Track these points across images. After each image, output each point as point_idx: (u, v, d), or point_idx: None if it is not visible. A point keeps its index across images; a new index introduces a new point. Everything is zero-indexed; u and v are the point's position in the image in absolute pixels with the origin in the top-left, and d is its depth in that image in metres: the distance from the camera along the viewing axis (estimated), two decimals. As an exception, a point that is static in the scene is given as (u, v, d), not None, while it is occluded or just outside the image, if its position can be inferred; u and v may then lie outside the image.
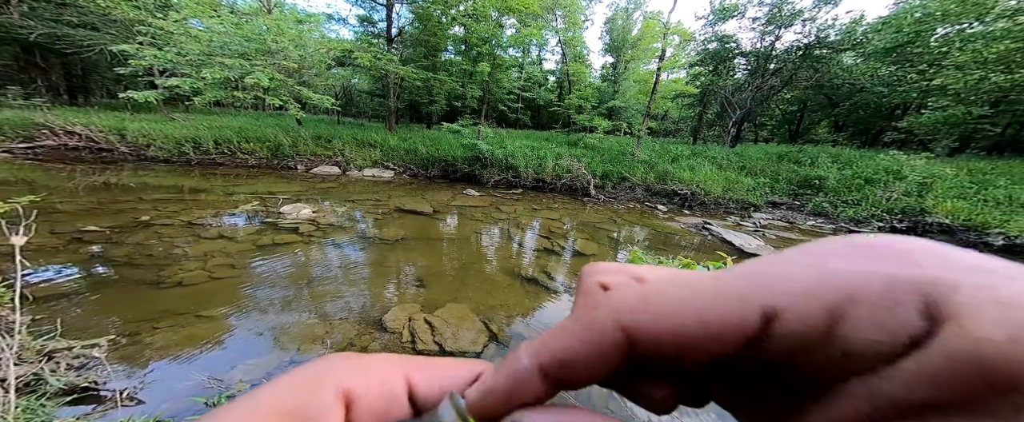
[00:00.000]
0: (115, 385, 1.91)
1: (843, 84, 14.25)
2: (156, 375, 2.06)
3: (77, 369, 1.87)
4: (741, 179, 8.93)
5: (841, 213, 7.41)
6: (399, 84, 13.47)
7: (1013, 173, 7.72)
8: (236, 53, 8.74)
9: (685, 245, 5.55)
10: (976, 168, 8.26)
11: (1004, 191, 6.83)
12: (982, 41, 7.83)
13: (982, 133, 11.94)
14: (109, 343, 2.10)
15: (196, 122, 10.36)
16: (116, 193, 5.78)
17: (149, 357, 2.19)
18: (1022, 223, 5.87)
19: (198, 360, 2.22)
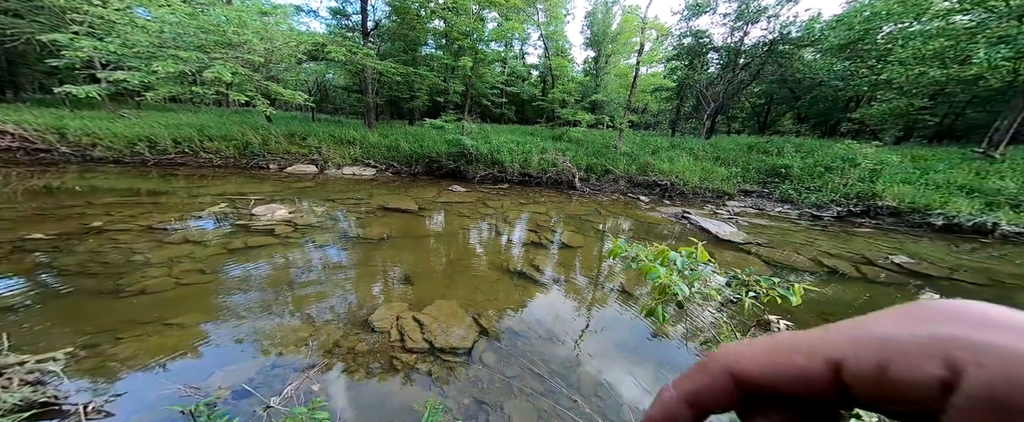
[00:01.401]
0: (78, 399, 1.79)
1: (804, 78, 15.32)
2: (125, 386, 1.95)
3: (32, 385, 1.75)
4: (716, 169, 9.38)
5: (805, 199, 7.97)
6: (377, 79, 12.97)
7: (950, 159, 8.59)
8: (192, 45, 8.07)
9: (666, 234, 5.78)
10: (919, 155, 9.12)
11: (943, 175, 7.60)
12: (920, 39, 8.65)
13: (923, 123, 13.19)
14: (67, 356, 1.98)
15: (149, 119, 9.53)
16: (61, 197, 5.24)
17: (115, 369, 2.06)
18: (959, 204, 6.55)
19: (171, 369, 2.10)
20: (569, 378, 2.19)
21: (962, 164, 8.17)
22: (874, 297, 3.60)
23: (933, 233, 6.41)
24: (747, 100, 18.79)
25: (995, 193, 6.72)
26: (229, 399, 1.91)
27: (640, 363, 2.40)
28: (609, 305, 3.28)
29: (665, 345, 2.67)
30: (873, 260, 4.65)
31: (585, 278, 3.88)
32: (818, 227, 6.64)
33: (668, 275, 1.18)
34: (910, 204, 6.88)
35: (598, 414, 1.92)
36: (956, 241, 5.94)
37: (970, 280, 4.10)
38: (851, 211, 7.38)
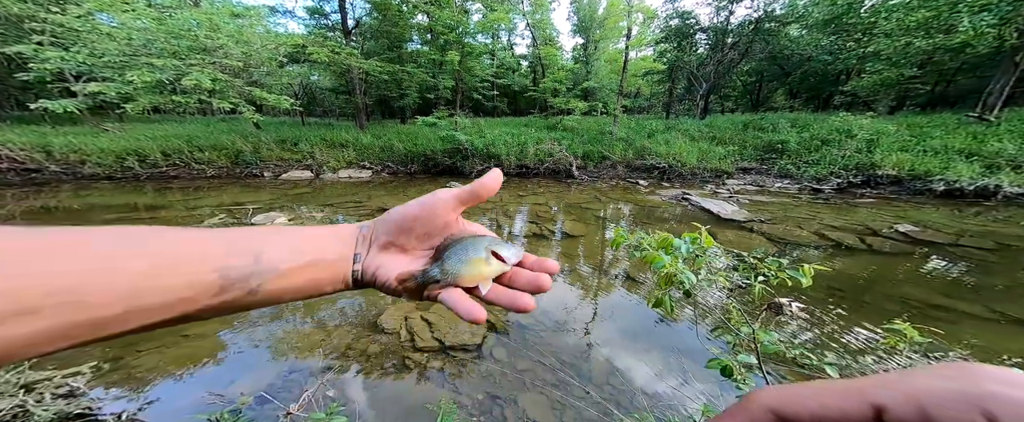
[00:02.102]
0: (112, 409, 1.86)
1: (792, 54, 15.26)
2: (153, 395, 2.00)
3: (65, 397, 1.82)
4: (713, 149, 9.34)
5: (804, 173, 7.97)
6: (364, 79, 12.73)
7: (946, 125, 8.58)
8: (165, 52, 7.84)
9: (668, 217, 5.77)
10: (914, 123, 9.10)
11: (940, 141, 7.59)
12: (903, 11, 8.62)
13: (915, 91, 13.19)
14: (92, 370, 2.04)
15: (135, 132, 9.34)
16: (60, 217, 5.18)
17: (141, 379, 2.11)
18: (959, 169, 6.56)
19: (194, 378, 2.15)
20: (580, 368, 2.20)
21: (958, 129, 8.16)
22: (881, 268, 3.62)
23: (935, 199, 6.43)
24: (738, 78, 18.66)
25: (994, 155, 6.73)
26: (252, 405, 1.93)
27: (650, 349, 2.41)
28: (615, 292, 3.28)
29: (673, 330, 2.67)
30: (877, 230, 4.67)
31: (589, 267, 3.88)
32: (820, 200, 6.65)
33: (673, 263, 1.16)
34: (910, 172, 6.89)
35: (611, 402, 1.93)
36: (959, 206, 5.96)
37: (977, 245, 4.11)
38: (851, 182, 7.39)
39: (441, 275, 0.31)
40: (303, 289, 0.30)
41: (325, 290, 0.31)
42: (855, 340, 2.47)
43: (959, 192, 6.38)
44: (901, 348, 1.12)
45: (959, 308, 2.78)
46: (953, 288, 3.16)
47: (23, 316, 0.18)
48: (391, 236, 0.34)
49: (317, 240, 0.31)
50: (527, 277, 0.33)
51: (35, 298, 0.19)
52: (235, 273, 0.26)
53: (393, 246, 0.34)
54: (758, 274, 1.32)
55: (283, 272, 0.28)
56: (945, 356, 2.25)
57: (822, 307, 2.85)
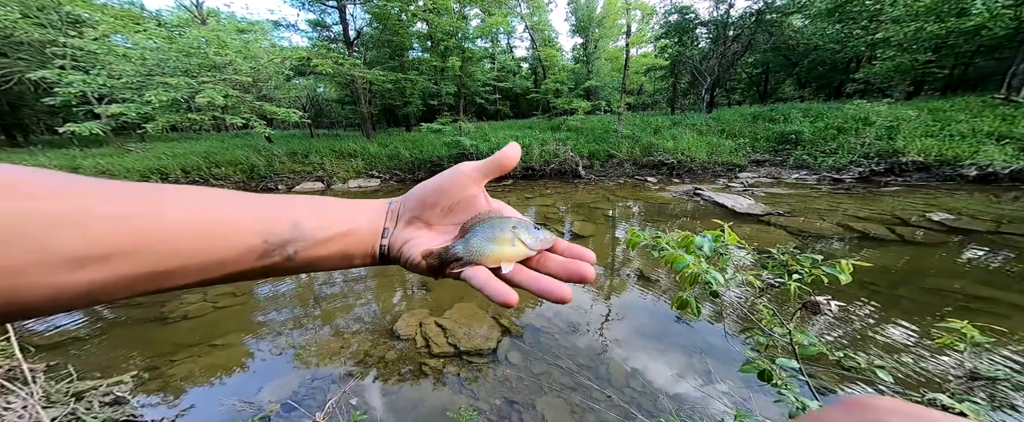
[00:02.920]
0: (153, 416, 1.95)
1: (798, 44, 14.86)
2: (188, 402, 2.08)
3: (111, 405, 1.95)
4: (722, 142, 9.14)
5: (821, 163, 7.71)
6: (368, 88, 12.95)
7: (970, 108, 8.21)
8: (178, 71, 8.12)
9: (679, 213, 5.64)
10: (936, 107, 8.73)
11: (967, 125, 7.25)
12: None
13: (932, 76, 12.68)
14: (133, 379, 2.19)
15: (155, 151, 9.71)
16: None
17: (178, 387, 2.20)
18: (991, 152, 6.23)
19: (225, 386, 2.23)
20: (598, 370, 2.14)
21: (985, 111, 7.79)
22: (916, 259, 3.43)
23: (968, 185, 6.12)
24: (743, 71, 18.30)
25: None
26: (280, 412, 1.97)
27: (668, 349, 2.33)
28: (628, 291, 3.21)
29: (693, 328, 2.58)
30: (907, 219, 4.46)
31: (600, 266, 3.80)
32: (841, 191, 6.41)
33: (697, 263, 1.08)
34: (938, 157, 6.59)
35: (632, 405, 1.87)
36: (995, 191, 5.66)
37: (1019, 232, 3.87)
38: (874, 171, 7.10)
39: (464, 252, 0.30)
40: (333, 259, 0.30)
41: (354, 262, 0.32)
42: (894, 337, 2.32)
43: (994, 177, 6.05)
44: (961, 348, 1.02)
45: (1005, 299, 2.61)
46: (997, 278, 2.97)
47: (103, 262, 0.20)
48: (416, 211, 0.34)
49: (349, 211, 0.32)
50: (559, 263, 0.32)
51: (114, 246, 0.20)
52: (276, 239, 0.27)
53: (419, 221, 0.34)
54: (791, 272, 1.23)
55: (318, 241, 0.29)
56: (1002, 350, 2.09)
57: (855, 301, 2.71)
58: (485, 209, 0.34)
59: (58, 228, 0.19)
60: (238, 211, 0.26)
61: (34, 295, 0.19)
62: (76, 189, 0.20)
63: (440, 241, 0.32)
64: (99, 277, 0.20)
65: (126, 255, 0.21)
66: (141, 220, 0.21)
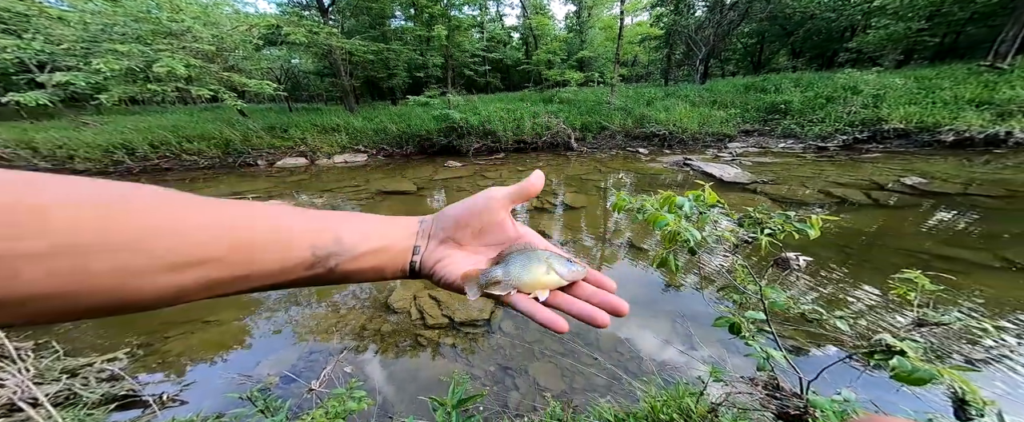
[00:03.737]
0: (153, 390, 1.99)
1: (794, 13, 14.46)
2: (189, 378, 2.11)
3: (108, 381, 1.98)
4: (714, 113, 9.08)
5: (808, 132, 7.80)
6: (348, 59, 12.12)
7: (955, 76, 8.27)
8: (129, 38, 7.39)
9: (669, 183, 5.71)
10: (922, 75, 8.76)
11: (950, 92, 7.35)
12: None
13: (923, 44, 12.63)
14: (127, 356, 2.20)
15: (117, 124, 9.06)
16: None
17: (174, 364, 2.22)
18: (969, 117, 6.39)
19: (224, 361, 2.26)
20: (588, 337, 2.23)
21: (969, 79, 7.87)
22: (887, 222, 3.60)
23: (944, 150, 6.33)
24: (738, 41, 17.86)
25: (1007, 102, 6.53)
26: (279, 384, 2.02)
27: (656, 316, 2.43)
28: (619, 261, 3.29)
29: (679, 296, 2.70)
30: (883, 184, 4.62)
31: (592, 237, 3.87)
32: (825, 158, 6.56)
33: (677, 221, 1.11)
34: (919, 124, 6.73)
35: (619, 368, 1.97)
36: (969, 155, 5.88)
37: (985, 193, 4.07)
38: (857, 138, 7.24)
39: (503, 276, 0.33)
40: (367, 272, 0.33)
41: (386, 276, 0.34)
42: (863, 295, 2.49)
43: (969, 141, 6.26)
44: (912, 298, 1.10)
45: (967, 258, 2.79)
46: (961, 238, 3.16)
47: (197, 267, 0.23)
48: (449, 231, 0.36)
49: (384, 227, 0.35)
50: (591, 293, 0.35)
51: (206, 253, 0.24)
52: (322, 251, 0.29)
53: (451, 241, 0.36)
54: (763, 228, 1.27)
55: (357, 255, 0.31)
56: (957, 306, 2.28)
57: (828, 264, 2.86)
58: (512, 233, 0.37)
59: (162, 236, 0.22)
60: (295, 222, 0.29)
61: (145, 294, 0.22)
62: (170, 202, 0.24)
63: (472, 261, 0.35)
64: (191, 280, 0.23)
65: (216, 261, 0.24)
66: (230, 230, 0.25)
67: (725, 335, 1.96)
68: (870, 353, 0.87)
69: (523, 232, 0.38)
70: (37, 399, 1.54)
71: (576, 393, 1.84)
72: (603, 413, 1.33)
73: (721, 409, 1.14)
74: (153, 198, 0.23)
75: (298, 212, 0.30)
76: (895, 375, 0.78)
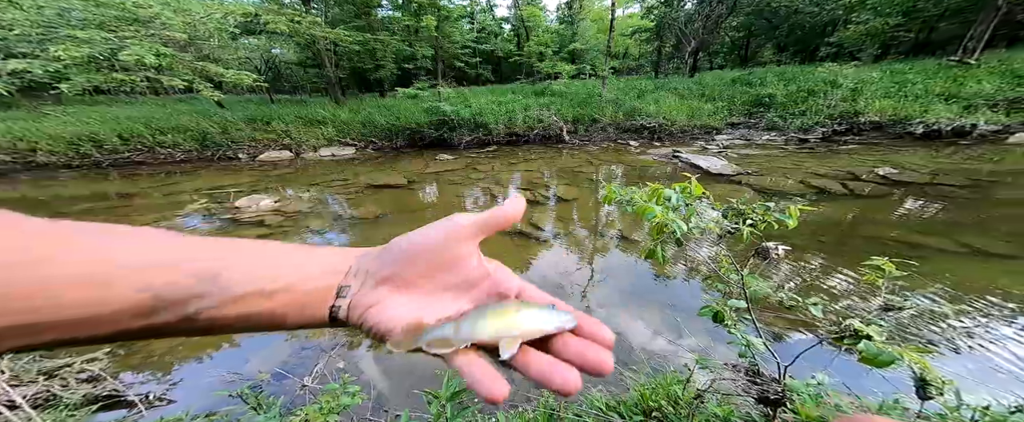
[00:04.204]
0: (140, 390, 1.94)
1: (780, 7, 14.74)
2: (176, 377, 2.07)
3: (89, 382, 1.92)
4: (702, 106, 9.23)
5: (790, 124, 8.03)
6: (333, 50, 11.67)
7: (927, 70, 8.62)
8: (90, 24, 6.89)
9: (659, 175, 5.81)
10: (897, 70, 9.10)
11: (921, 86, 7.66)
12: None
13: (899, 39, 13.10)
14: (107, 356, 2.13)
15: (81, 115, 8.54)
16: (30, 208, 4.82)
17: (159, 363, 2.17)
18: (938, 110, 6.70)
19: (211, 360, 2.22)
20: None
21: (939, 73, 8.22)
22: (862, 211, 3.78)
23: (915, 141, 6.64)
24: (726, 35, 18.06)
25: (973, 96, 6.87)
26: (271, 381, 2.00)
27: (646, 306, 2.49)
28: (610, 252, 3.35)
29: (667, 287, 2.77)
30: (858, 175, 4.83)
31: (584, 229, 3.92)
32: (805, 150, 6.78)
33: (664, 213, 1.14)
34: (892, 117, 7.02)
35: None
36: (937, 146, 6.18)
37: (950, 182, 4.31)
38: (836, 131, 7.51)
39: (454, 333, 0.25)
40: (258, 319, 0.25)
41: (289, 324, 0.26)
42: (837, 281, 2.63)
43: (937, 133, 6.58)
44: (880, 284, 1.17)
45: (932, 244, 2.97)
46: (927, 226, 3.35)
47: None
48: (395, 268, 0.28)
49: (296, 260, 0.27)
50: (576, 349, 0.25)
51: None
52: (172, 294, 0.22)
53: (397, 279, 0.28)
54: (745, 218, 1.33)
55: (236, 297, 0.24)
56: (923, 290, 2.43)
57: (806, 252, 2.99)
58: (476, 272, 0.29)
59: None
60: (132, 252, 0.22)
61: None
62: None
63: (413, 307, 0.27)
64: None
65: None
66: (17, 270, 0.19)
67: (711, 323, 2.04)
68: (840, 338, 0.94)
69: (491, 270, 0.30)
70: (15, 402, 1.51)
71: (568, 382, 1.89)
72: (595, 402, 1.38)
73: (706, 395, 1.20)
74: None
75: (150, 238, 0.23)
76: (862, 358, 0.83)
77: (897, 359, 0.79)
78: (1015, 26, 10.83)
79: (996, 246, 2.86)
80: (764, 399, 0.99)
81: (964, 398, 0.89)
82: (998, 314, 2.16)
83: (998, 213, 3.46)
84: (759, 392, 1.02)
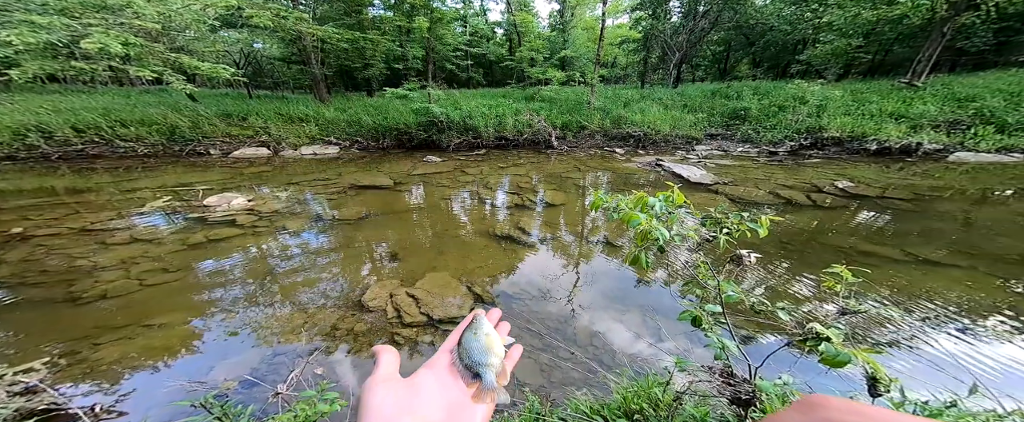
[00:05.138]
0: (84, 402, 1.79)
1: (757, 24, 15.74)
2: (127, 387, 1.92)
3: (23, 395, 1.76)
4: (684, 116, 9.63)
5: (762, 137, 8.53)
6: (320, 47, 11.31)
7: (881, 90, 9.41)
8: (50, 9, 6.40)
9: (643, 183, 6.00)
10: (856, 89, 9.88)
11: (876, 105, 8.36)
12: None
13: (859, 60, 14.24)
14: (46, 366, 1.96)
15: (30, 104, 7.90)
16: None
17: (107, 373, 2.00)
18: (889, 130, 7.33)
19: (170, 368, 2.07)
20: (565, 332, 2.31)
21: (891, 94, 8.99)
22: (823, 221, 4.07)
23: (869, 157, 7.21)
24: (708, 48, 19.03)
25: (919, 117, 7.56)
26: (238, 389, 1.89)
27: (628, 310, 2.56)
28: (595, 258, 3.42)
29: (649, 291, 2.86)
30: (821, 187, 5.19)
31: (570, 234, 3.99)
32: (775, 162, 7.21)
33: (648, 221, 1.21)
34: (850, 133, 7.61)
35: (594, 361, 2.06)
36: (888, 163, 6.74)
37: (898, 196, 4.73)
38: (802, 145, 8.04)
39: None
40: None
41: None
42: (801, 286, 2.82)
43: (888, 150, 7.19)
44: (838, 290, 1.29)
45: (882, 253, 3.23)
46: (878, 236, 3.65)
47: None
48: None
49: None
50: None
51: None
52: None
53: None
54: (722, 227, 1.42)
55: None
56: (875, 293, 2.64)
57: (775, 259, 3.19)
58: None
59: None
60: None
61: None
62: None
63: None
64: None
65: None
66: None
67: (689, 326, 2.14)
68: (804, 340, 1.02)
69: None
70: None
71: (554, 387, 1.91)
72: (579, 405, 1.42)
73: (685, 397, 1.26)
74: None
75: None
76: (822, 359, 0.92)
77: (851, 359, 0.88)
78: (957, 52, 12.03)
79: (936, 255, 3.16)
80: (737, 400, 1.06)
81: (908, 395, 0.99)
82: (937, 317, 2.39)
83: (938, 226, 3.83)
84: (732, 393, 1.09)
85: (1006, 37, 11.42)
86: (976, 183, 5.34)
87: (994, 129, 6.94)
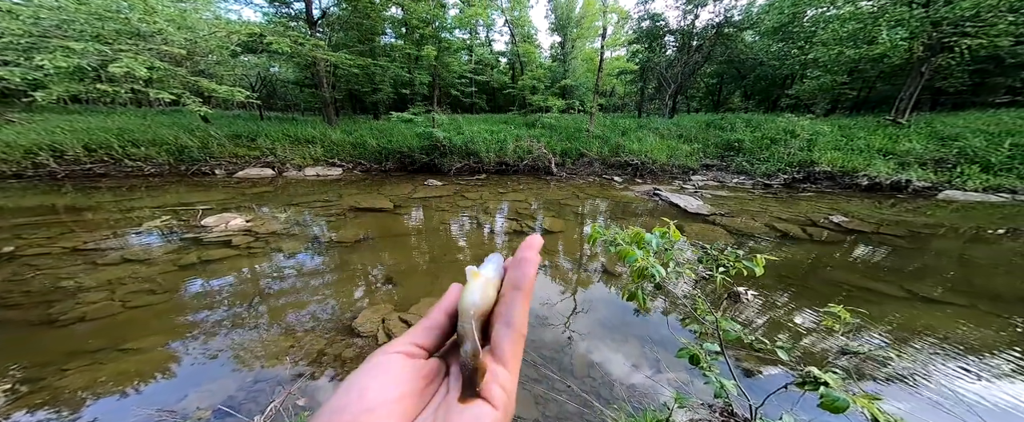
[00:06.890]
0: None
1: (747, 59, 16.78)
2: (90, 414, 1.81)
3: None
4: (680, 146, 9.93)
5: (757, 169, 8.74)
6: (332, 72, 11.96)
7: (867, 126, 9.80)
8: (87, 35, 6.86)
9: (640, 212, 6.07)
10: (844, 124, 10.29)
11: (864, 141, 8.67)
12: (837, 22, 9.84)
13: (845, 96, 14.98)
14: (5, 394, 1.87)
15: (48, 123, 8.12)
16: None
17: (72, 400, 1.89)
18: (878, 165, 7.55)
19: (140, 394, 1.96)
20: (561, 362, 2.24)
21: (878, 130, 9.37)
22: (820, 255, 4.07)
23: (861, 192, 7.35)
24: (702, 80, 20.05)
25: (905, 154, 7.81)
26: (210, 419, 1.79)
27: (626, 340, 2.50)
28: (593, 286, 3.39)
29: (648, 321, 2.81)
30: (816, 221, 5.25)
31: (568, 262, 3.98)
32: (770, 194, 7.33)
33: (645, 257, 1.23)
34: (841, 168, 7.82)
35: (591, 394, 1.99)
36: (879, 198, 6.86)
37: (892, 233, 4.75)
38: (795, 178, 8.22)
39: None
40: None
41: None
42: (801, 320, 2.77)
43: (879, 186, 7.35)
44: (837, 329, 1.28)
45: (880, 289, 3.21)
46: (875, 271, 3.64)
47: None
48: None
49: None
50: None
51: None
52: None
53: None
54: (719, 265, 1.44)
55: None
56: (873, 330, 2.59)
57: (773, 293, 3.16)
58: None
59: None
60: None
61: None
62: None
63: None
64: None
65: None
66: None
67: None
68: (803, 383, 1.01)
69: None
70: None
71: (548, 421, 1.84)
72: (573, 446, 1.35)
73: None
74: None
75: None
76: (822, 404, 0.91)
77: (850, 405, 0.86)
78: (936, 92, 12.70)
79: (935, 292, 3.14)
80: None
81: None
82: (936, 354, 2.33)
83: (933, 263, 3.83)
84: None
85: (981, 79, 12.12)
86: (968, 221, 5.42)
87: (979, 168, 7.16)
